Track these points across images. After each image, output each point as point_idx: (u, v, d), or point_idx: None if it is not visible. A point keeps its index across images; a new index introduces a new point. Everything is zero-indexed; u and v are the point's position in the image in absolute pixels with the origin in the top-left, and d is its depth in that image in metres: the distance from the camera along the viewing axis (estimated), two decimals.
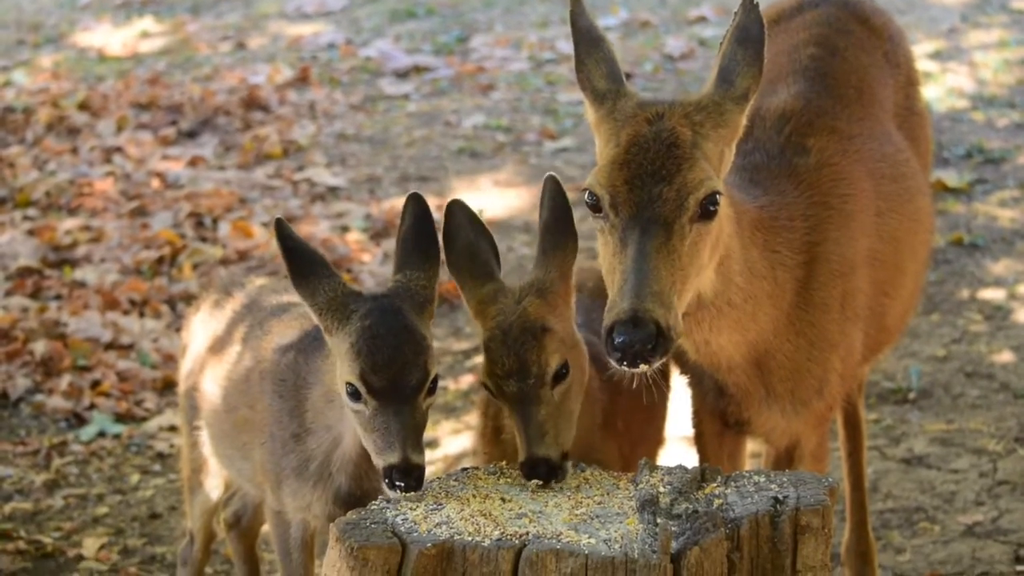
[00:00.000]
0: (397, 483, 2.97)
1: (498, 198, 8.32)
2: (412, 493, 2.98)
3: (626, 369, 2.98)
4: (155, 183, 8.61)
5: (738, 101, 3.13)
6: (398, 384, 3.00)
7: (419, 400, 3.02)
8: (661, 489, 3.02)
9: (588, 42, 3.20)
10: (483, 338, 3.18)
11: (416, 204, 3.22)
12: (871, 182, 3.70)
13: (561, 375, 3.13)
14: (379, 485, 3.25)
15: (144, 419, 6.03)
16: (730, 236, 3.23)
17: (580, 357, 3.22)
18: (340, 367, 3.07)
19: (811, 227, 3.51)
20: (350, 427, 3.20)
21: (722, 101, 3.13)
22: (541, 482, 3.06)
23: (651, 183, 3.00)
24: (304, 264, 3.13)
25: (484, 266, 3.27)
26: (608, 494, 3.07)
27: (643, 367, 2.96)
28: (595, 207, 3.08)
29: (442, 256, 3.25)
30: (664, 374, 3.56)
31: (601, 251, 3.13)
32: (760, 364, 3.50)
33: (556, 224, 3.26)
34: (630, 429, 3.58)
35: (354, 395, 3.03)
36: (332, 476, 3.37)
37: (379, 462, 3.01)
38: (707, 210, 3.04)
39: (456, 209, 3.31)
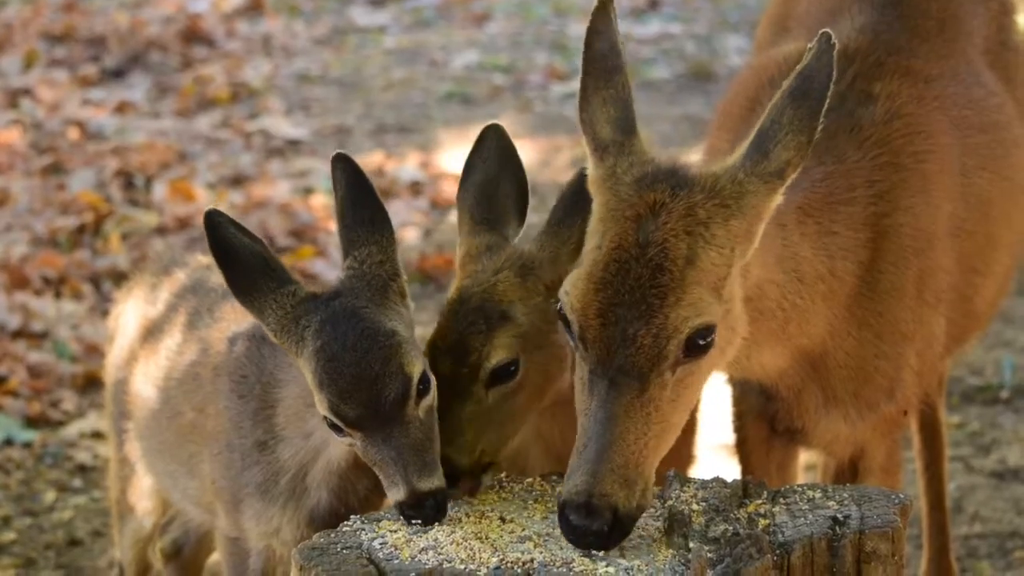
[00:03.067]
0: (413, 521, 3.02)
1: None
2: (437, 524, 3.02)
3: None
4: (73, 134, 8.63)
5: (768, 179, 3.00)
6: (374, 406, 3.02)
7: (408, 413, 3.05)
8: (694, 507, 3.04)
9: (601, 72, 3.12)
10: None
11: (345, 167, 3.21)
12: (955, 134, 3.71)
13: (503, 375, 3.14)
14: (369, 497, 3.31)
15: (61, 424, 6.05)
16: (761, 267, 3.19)
17: (548, 362, 3.22)
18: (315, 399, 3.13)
19: (877, 195, 3.50)
20: None
21: (746, 180, 3.00)
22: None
23: (626, 320, 2.90)
24: (245, 274, 3.13)
25: (492, 210, 3.28)
26: None
27: (602, 553, 2.96)
28: (566, 322, 3.02)
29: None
30: None
31: (576, 373, 3.09)
32: (815, 365, 3.50)
33: (574, 196, 3.27)
34: None
35: (336, 429, 3.08)
36: (308, 492, 3.41)
37: (390, 501, 3.08)
38: (696, 347, 2.94)
39: (490, 135, 3.31)
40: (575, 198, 3.27)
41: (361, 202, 3.19)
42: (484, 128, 3.33)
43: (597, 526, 2.89)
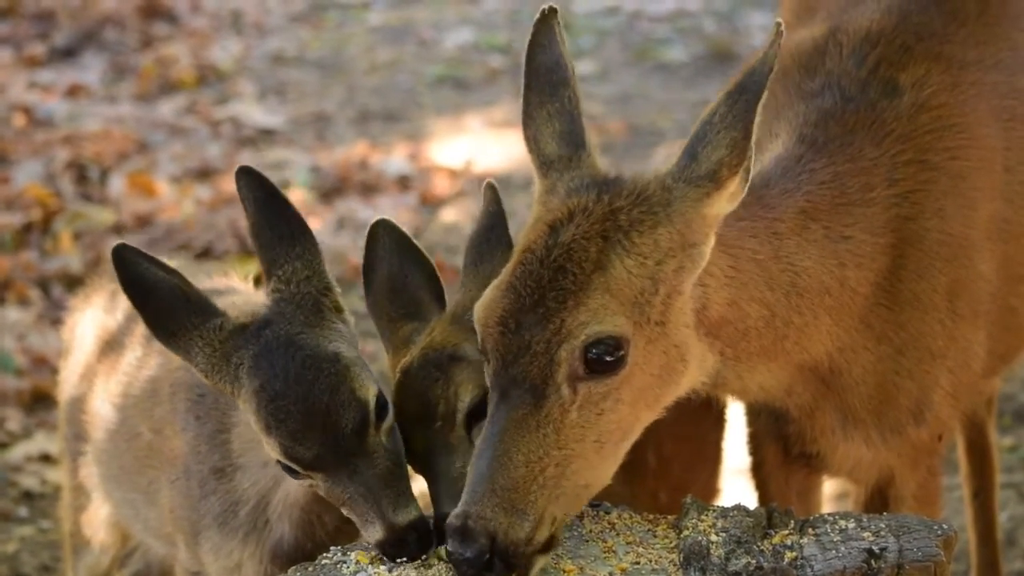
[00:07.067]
0: (397, 560, 3.05)
1: (492, 144, 8.37)
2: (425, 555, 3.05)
3: None
4: (19, 120, 8.66)
5: (700, 184, 3.04)
6: (332, 442, 3.06)
7: (370, 442, 3.08)
8: (713, 537, 3.07)
9: (544, 86, 3.20)
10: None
11: (249, 181, 3.25)
12: (996, 126, 3.70)
13: (481, 413, 3.12)
14: (340, 529, 3.34)
15: (5, 446, 6.07)
16: (736, 287, 3.21)
17: None
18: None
19: (900, 196, 3.50)
20: None
21: (674, 186, 3.05)
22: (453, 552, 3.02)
23: (524, 327, 2.96)
24: (165, 313, 3.16)
25: (407, 304, 3.38)
26: (641, 544, 3.13)
27: None
28: (476, 334, 3.09)
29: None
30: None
31: None
32: (827, 382, 3.52)
33: (485, 234, 3.39)
34: (668, 468, 3.64)
35: (293, 473, 3.12)
36: (270, 525, 3.45)
37: (368, 541, 3.10)
38: (599, 362, 2.97)
39: (380, 232, 3.42)
40: (488, 234, 3.39)
41: (275, 217, 3.23)
42: (371, 225, 3.42)
43: (471, 553, 2.89)
